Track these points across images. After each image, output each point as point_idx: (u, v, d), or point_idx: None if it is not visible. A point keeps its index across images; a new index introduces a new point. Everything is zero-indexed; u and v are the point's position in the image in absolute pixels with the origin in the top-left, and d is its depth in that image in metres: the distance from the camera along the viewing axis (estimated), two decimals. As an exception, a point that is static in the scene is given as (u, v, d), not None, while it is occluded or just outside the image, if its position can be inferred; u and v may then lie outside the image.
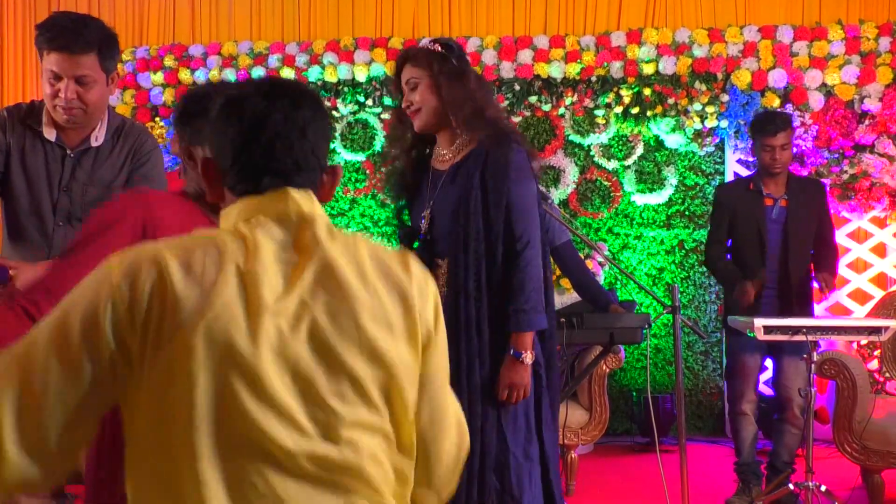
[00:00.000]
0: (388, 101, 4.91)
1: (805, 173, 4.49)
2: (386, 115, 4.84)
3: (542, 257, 2.27)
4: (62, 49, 2.07)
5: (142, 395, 1.00)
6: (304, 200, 1.10)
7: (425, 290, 1.16)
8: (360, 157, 5.07)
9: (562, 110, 4.84)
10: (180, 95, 1.70)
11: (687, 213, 4.88)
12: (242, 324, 0.99)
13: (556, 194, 4.85)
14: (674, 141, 4.79)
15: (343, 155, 5.07)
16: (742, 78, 4.60)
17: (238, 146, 1.11)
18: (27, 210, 2.24)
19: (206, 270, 1.01)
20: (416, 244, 2.36)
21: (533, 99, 4.83)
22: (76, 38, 2.07)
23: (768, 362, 3.78)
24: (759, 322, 3.00)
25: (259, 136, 1.11)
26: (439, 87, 2.23)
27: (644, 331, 2.95)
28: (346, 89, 4.96)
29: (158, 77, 5.12)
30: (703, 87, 4.64)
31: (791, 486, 3.22)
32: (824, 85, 4.59)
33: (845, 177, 4.52)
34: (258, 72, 4.97)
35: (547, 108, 4.85)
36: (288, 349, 1.01)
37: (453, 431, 1.22)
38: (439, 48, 2.27)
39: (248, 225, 1.07)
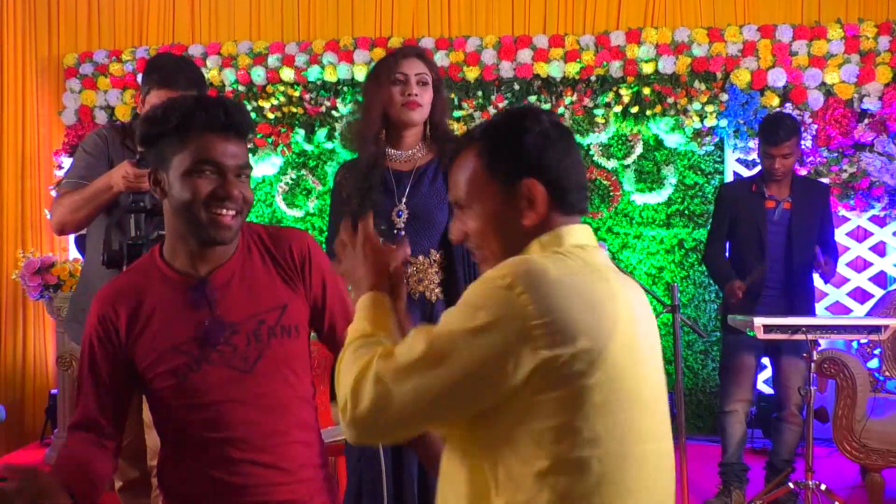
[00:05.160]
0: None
1: (804, 172, 4.49)
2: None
3: None
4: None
5: None
6: None
7: None
8: (360, 156, 5.07)
9: (561, 110, 4.84)
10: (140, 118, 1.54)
11: (686, 212, 4.88)
12: None
13: (556, 194, 4.84)
14: (673, 140, 4.79)
15: (343, 155, 5.07)
16: (741, 77, 4.61)
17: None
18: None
19: None
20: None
21: (532, 98, 4.83)
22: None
23: (768, 361, 3.79)
24: (759, 321, 3.01)
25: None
26: (437, 93, 2.41)
27: (644, 330, 2.95)
28: (345, 89, 4.97)
29: (158, 77, 5.11)
30: (703, 87, 4.64)
31: (791, 485, 3.23)
32: (824, 84, 4.59)
33: (845, 176, 4.52)
34: (258, 72, 4.97)
35: (546, 107, 4.85)
36: None
37: None
38: None
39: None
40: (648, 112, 4.71)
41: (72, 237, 4.84)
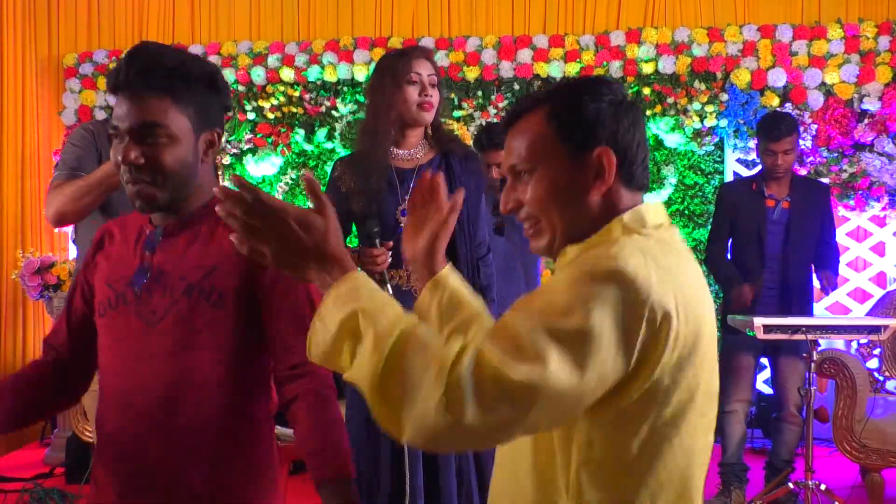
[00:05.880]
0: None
1: (804, 172, 4.49)
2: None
3: None
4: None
5: None
6: None
7: None
8: (360, 156, 5.07)
9: (561, 110, 4.84)
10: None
11: (686, 212, 4.88)
12: None
13: (556, 194, 4.85)
14: (673, 140, 4.79)
15: (343, 154, 5.07)
16: (741, 77, 4.61)
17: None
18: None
19: None
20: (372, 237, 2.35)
21: (532, 98, 4.83)
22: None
23: (767, 361, 3.79)
24: (759, 321, 3.01)
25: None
26: (440, 92, 2.45)
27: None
28: (345, 89, 4.97)
29: (158, 77, 5.11)
30: (703, 87, 4.64)
31: (791, 485, 3.23)
32: (823, 84, 4.59)
33: (845, 176, 4.53)
34: (258, 72, 4.97)
35: (546, 107, 4.85)
36: None
37: None
38: None
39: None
40: (648, 112, 4.71)
41: (70, 237, 4.84)
